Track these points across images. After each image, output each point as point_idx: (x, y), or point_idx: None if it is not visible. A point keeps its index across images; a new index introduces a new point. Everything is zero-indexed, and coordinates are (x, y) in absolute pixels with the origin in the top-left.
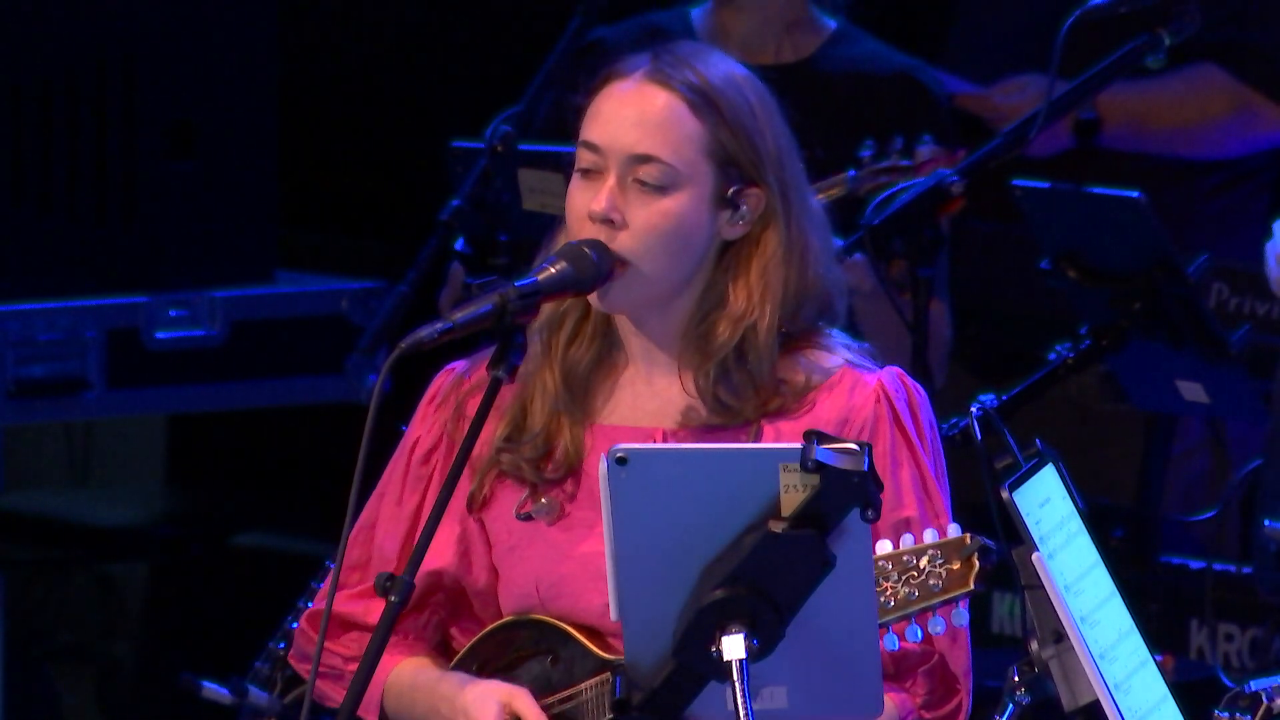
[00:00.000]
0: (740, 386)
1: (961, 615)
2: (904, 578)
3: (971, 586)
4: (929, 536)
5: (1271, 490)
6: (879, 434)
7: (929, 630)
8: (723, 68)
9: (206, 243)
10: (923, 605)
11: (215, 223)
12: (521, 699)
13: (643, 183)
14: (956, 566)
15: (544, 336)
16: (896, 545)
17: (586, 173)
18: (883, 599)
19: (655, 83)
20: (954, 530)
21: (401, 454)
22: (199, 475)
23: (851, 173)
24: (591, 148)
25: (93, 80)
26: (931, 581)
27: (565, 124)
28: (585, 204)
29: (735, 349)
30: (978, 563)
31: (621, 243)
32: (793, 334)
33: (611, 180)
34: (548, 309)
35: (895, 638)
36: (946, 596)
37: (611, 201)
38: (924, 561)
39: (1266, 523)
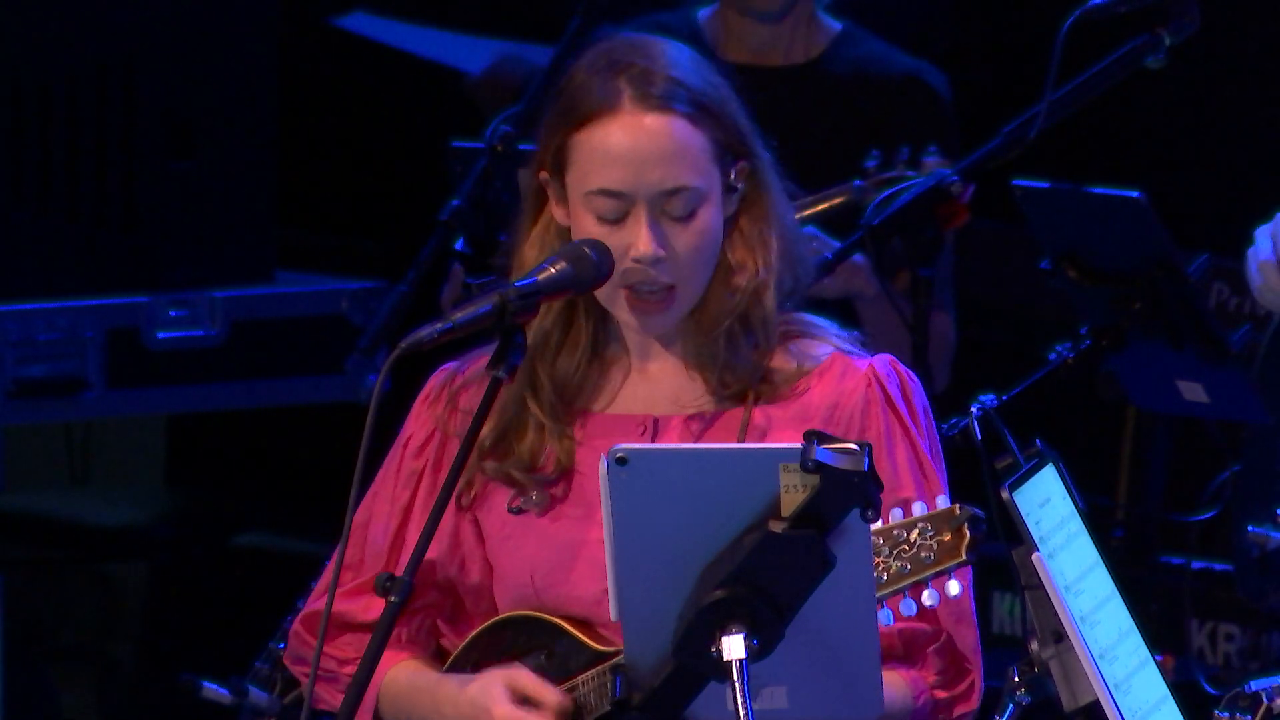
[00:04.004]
0: (746, 355)
1: (955, 586)
2: (895, 551)
3: (964, 556)
4: (918, 509)
5: (1253, 495)
6: (871, 417)
7: (922, 604)
8: (682, 60)
9: (206, 243)
10: (915, 578)
11: (215, 223)
12: (523, 676)
13: (674, 214)
14: (947, 537)
15: (528, 363)
16: (887, 521)
17: (608, 220)
18: (875, 574)
19: (649, 110)
20: (942, 501)
21: (395, 453)
22: (199, 475)
23: (858, 182)
24: (614, 195)
25: (93, 80)
26: (923, 554)
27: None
28: (619, 247)
29: (739, 318)
30: (968, 532)
31: (670, 272)
32: (782, 305)
33: (645, 219)
34: (531, 331)
35: (889, 612)
36: (939, 568)
37: (657, 241)
38: (914, 534)
39: (1250, 528)
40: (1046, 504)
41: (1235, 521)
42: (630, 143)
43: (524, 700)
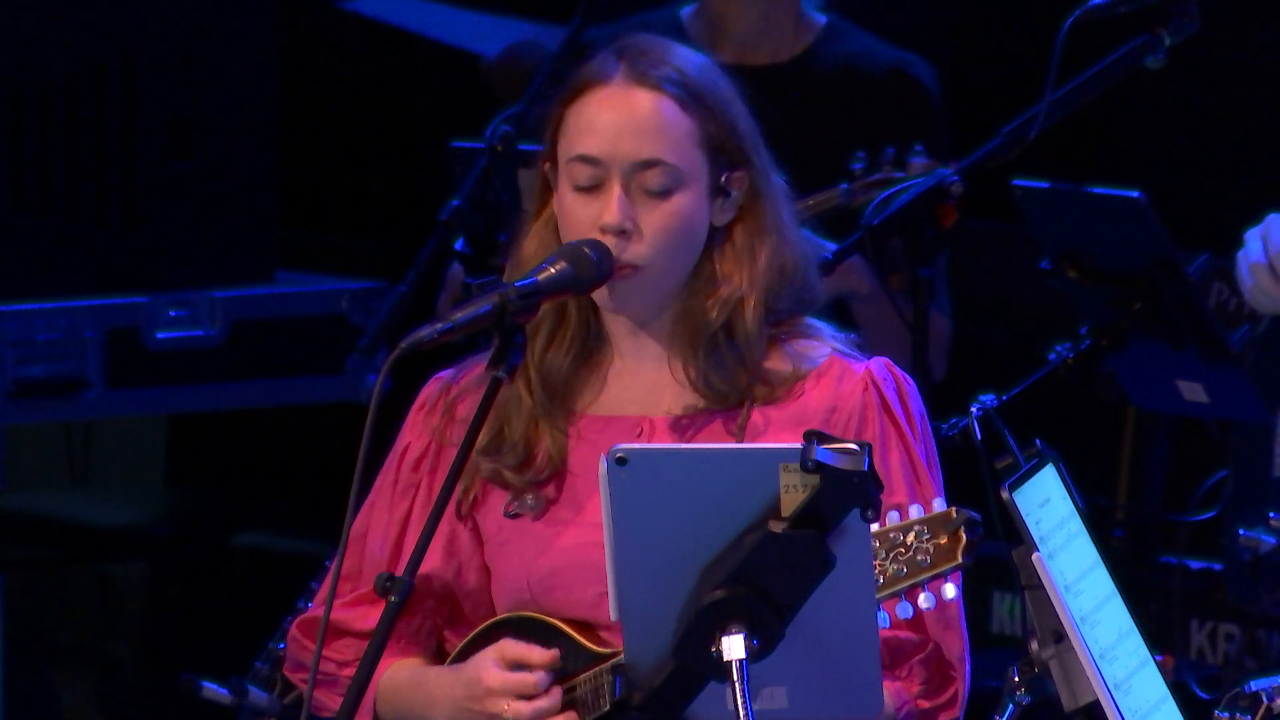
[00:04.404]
0: (729, 364)
1: (950, 590)
2: (892, 554)
3: (960, 560)
4: (914, 512)
5: (1244, 499)
6: (868, 421)
7: (919, 606)
8: (691, 58)
9: (206, 243)
10: (911, 581)
11: (215, 223)
12: (508, 645)
13: (648, 189)
14: (944, 541)
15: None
16: (883, 524)
17: (584, 189)
18: None
19: (640, 85)
20: (939, 505)
21: (391, 463)
22: (199, 475)
23: (844, 185)
24: (590, 161)
25: (93, 80)
26: (919, 557)
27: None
28: (591, 217)
29: (724, 328)
30: (964, 536)
31: (635, 251)
32: (779, 320)
33: (617, 190)
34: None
35: (886, 615)
36: (935, 571)
37: (624, 211)
38: (911, 537)
39: (1241, 531)
40: (1046, 504)
41: (1226, 525)
42: (611, 111)
43: (514, 665)
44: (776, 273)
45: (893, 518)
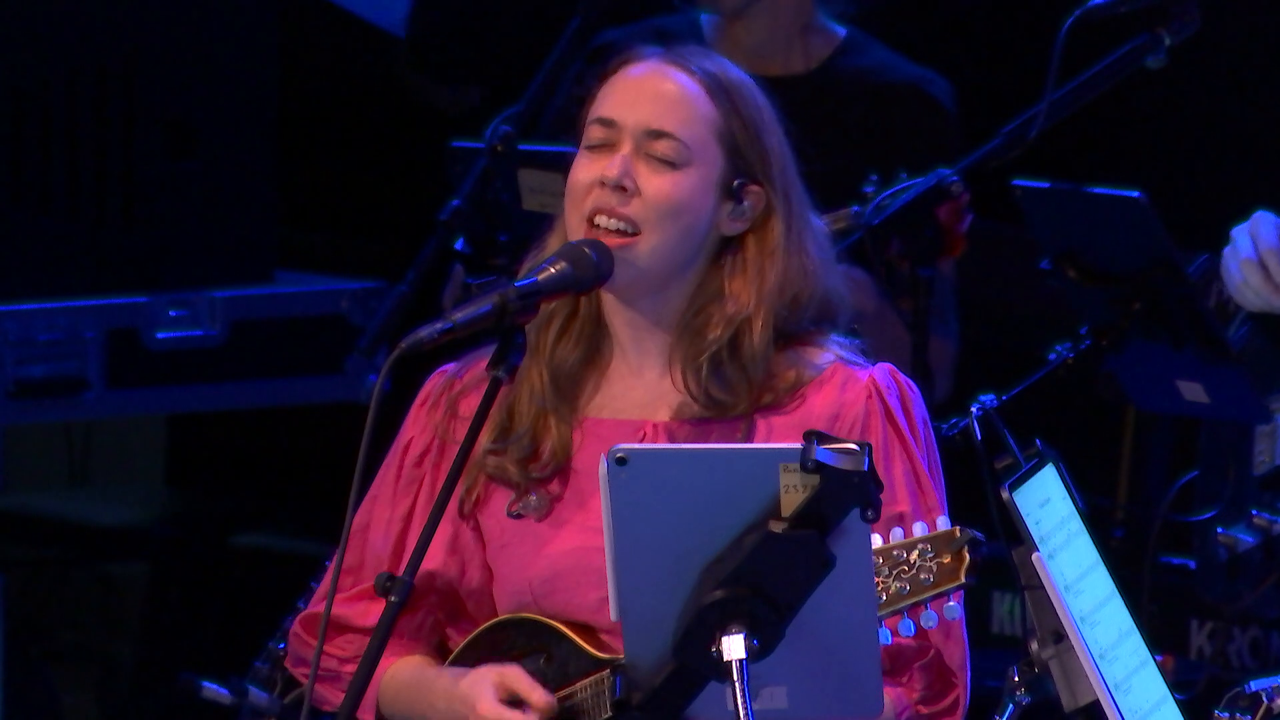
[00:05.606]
0: (733, 381)
1: (954, 609)
2: (895, 572)
3: (962, 579)
4: (919, 530)
5: (1218, 497)
6: (871, 429)
7: (921, 624)
8: (734, 70)
9: (206, 243)
10: (914, 599)
11: (215, 223)
12: (513, 675)
13: (655, 157)
14: (947, 560)
15: (532, 335)
16: (887, 539)
17: (595, 148)
18: (874, 594)
19: (673, 65)
20: (943, 523)
21: (394, 457)
22: (199, 475)
23: (855, 208)
24: (605, 123)
25: (93, 80)
26: (922, 575)
27: (573, 124)
28: (594, 174)
29: (728, 344)
30: (968, 555)
31: (633, 209)
32: (793, 335)
33: (626, 150)
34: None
35: (888, 632)
36: (937, 590)
37: (625, 168)
38: (914, 555)
39: (1219, 530)
40: (1046, 504)
41: (1200, 525)
42: (637, 80)
43: (513, 699)
44: (788, 298)
45: (896, 534)
